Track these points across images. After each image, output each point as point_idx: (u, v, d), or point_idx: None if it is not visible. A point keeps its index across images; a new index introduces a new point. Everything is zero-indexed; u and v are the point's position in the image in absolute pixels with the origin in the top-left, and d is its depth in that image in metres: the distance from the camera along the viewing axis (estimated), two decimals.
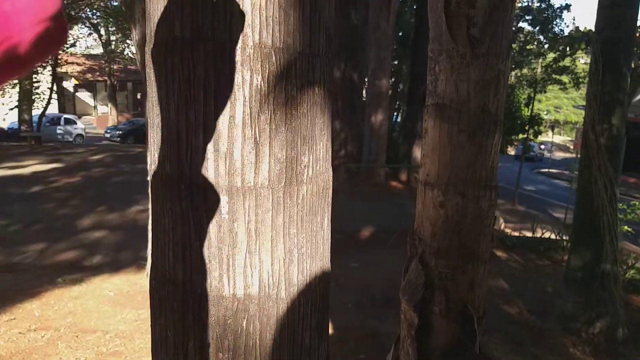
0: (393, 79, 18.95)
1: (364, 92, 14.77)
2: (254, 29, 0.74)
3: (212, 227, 0.78)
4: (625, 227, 7.81)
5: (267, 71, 0.75)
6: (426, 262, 1.44)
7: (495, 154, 1.39)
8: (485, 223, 1.42)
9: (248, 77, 0.75)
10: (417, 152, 13.74)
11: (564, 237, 8.73)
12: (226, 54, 0.74)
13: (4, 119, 21.74)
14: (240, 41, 0.74)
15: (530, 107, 14.29)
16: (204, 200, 0.78)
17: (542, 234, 9.34)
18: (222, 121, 0.75)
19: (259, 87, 0.75)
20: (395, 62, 19.56)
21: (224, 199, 0.77)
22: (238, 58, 0.74)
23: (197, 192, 0.78)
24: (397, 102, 20.28)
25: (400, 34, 18.81)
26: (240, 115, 0.75)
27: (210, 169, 0.77)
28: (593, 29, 6.04)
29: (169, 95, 0.78)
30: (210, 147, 0.76)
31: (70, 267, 6.21)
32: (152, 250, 0.89)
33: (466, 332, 1.41)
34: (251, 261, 0.79)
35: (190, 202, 0.79)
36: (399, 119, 20.27)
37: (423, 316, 1.43)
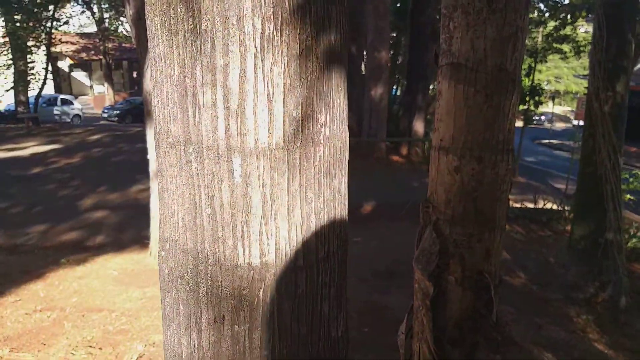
0: (392, 52, 18.67)
1: (362, 65, 14.57)
2: None
3: (225, 192, 0.72)
4: (628, 196, 7.78)
5: (280, 18, 0.68)
6: (440, 230, 1.39)
7: (512, 116, 1.32)
8: (502, 189, 1.36)
9: (259, 26, 0.68)
10: (418, 126, 13.63)
11: (566, 208, 8.71)
12: (234, 0, 0.68)
13: (0, 101, 21.52)
14: None
15: (531, 77, 14.11)
16: (214, 163, 0.72)
17: (544, 204, 9.31)
18: (232, 76, 0.69)
19: (271, 36, 0.69)
20: (394, 35, 19.25)
21: (236, 161, 0.71)
22: (247, 4, 0.67)
23: (207, 154, 0.72)
24: (397, 75, 20.04)
25: (398, 4, 18.46)
26: (252, 69, 0.69)
27: (221, 129, 0.71)
28: None
29: (173, 49, 0.71)
30: (219, 104, 0.70)
31: (73, 248, 6.19)
32: (159, 218, 0.83)
33: (483, 301, 1.37)
34: (267, 228, 0.73)
35: (199, 166, 0.73)
36: (398, 92, 20.07)
37: (438, 285, 1.39)
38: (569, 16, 14.30)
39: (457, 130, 1.32)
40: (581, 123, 8.84)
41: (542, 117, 30.55)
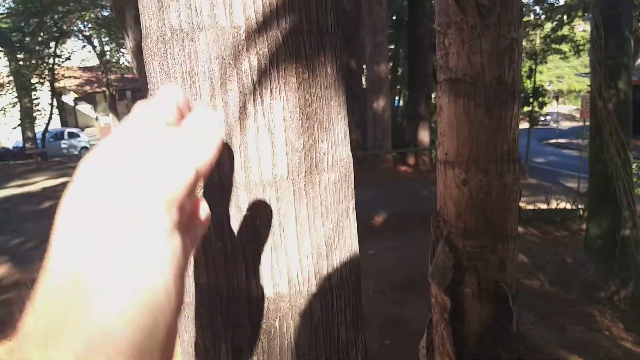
0: (391, 63, 18.78)
1: (363, 78, 14.66)
2: (256, 9, 0.69)
3: (233, 226, 0.74)
4: None
5: (275, 54, 0.70)
6: (453, 243, 1.39)
7: (515, 126, 1.33)
8: (511, 198, 1.36)
9: (255, 63, 0.70)
10: (423, 135, 13.64)
11: (579, 206, 8.63)
12: (229, 41, 0.69)
13: (7, 139, 21.86)
14: (243, 25, 0.69)
15: (533, 79, 14.13)
16: (220, 199, 0.73)
17: (557, 205, 9.25)
18: (233, 113, 0.71)
19: (268, 72, 0.70)
20: (392, 47, 19.39)
21: (242, 195, 0.73)
22: (243, 44, 0.69)
23: (213, 190, 0.73)
24: (398, 86, 20.13)
25: (394, 17, 18.63)
26: (251, 105, 0.71)
27: (225, 165, 0.72)
28: None
29: None
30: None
31: None
32: None
33: (501, 312, 1.36)
34: (278, 258, 0.74)
35: (207, 202, 0.74)
36: (400, 103, 20.14)
37: (455, 299, 1.38)
38: (565, 17, 14.33)
39: (460, 143, 1.34)
40: (587, 122, 8.78)
41: (548, 117, 30.45)
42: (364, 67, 13.78)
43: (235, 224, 0.73)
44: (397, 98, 20.27)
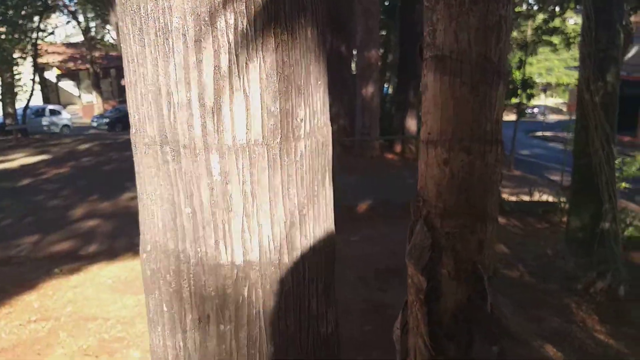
0: (382, 50, 18.67)
1: (353, 64, 14.57)
2: None
3: (204, 191, 0.71)
4: (623, 184, 7.81)
5: (253, 13, 0.67)
6: (432, 223, 1.38)
7: (500, 106, 1.32)
8: (493, 179, 1.36)
9: (232, 21, 0.67)
10: (411, 123, 13.63)
11: (562, 199, 8.73)
12: None
13: None
14: None
15: (522, 70, 14.15)
16: (192, 162, 0.71)
17: (540, 197, 9.33)
18: (207, 72, 0.68)
19: (245, 31, 0.67)
20: (383, 33, 19.25)
21: (214, 159, 0.70)
22: (219, 0, 0.66)
23: (184, 153, 0.71)
24: (388, 73, 20.04)
25: (386, 3, 18.47)
26: (226, 65, 0.68)
27: (197, 127, 0.69)
28: None
29: (145, 47, 0.70)
30: (195, 102, 0.69)
31: (66, 258, 6.15)
32: (140, 220, 0.82)
33: (477, 293, 1.36)
34: (249, 225, 0.72)
35: (177, 165, 0.71)
36: (389, 90, 20.07)
37: (431, 279, 1.38)
38: (557, 8, 14.34)
39: (444, 122, 1.32)
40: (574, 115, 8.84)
41: (535, 110, 30.63)
42: (354, 53, 13.68)
43: (205, 189, 0.71)
44: (386, 85, 20.19)
